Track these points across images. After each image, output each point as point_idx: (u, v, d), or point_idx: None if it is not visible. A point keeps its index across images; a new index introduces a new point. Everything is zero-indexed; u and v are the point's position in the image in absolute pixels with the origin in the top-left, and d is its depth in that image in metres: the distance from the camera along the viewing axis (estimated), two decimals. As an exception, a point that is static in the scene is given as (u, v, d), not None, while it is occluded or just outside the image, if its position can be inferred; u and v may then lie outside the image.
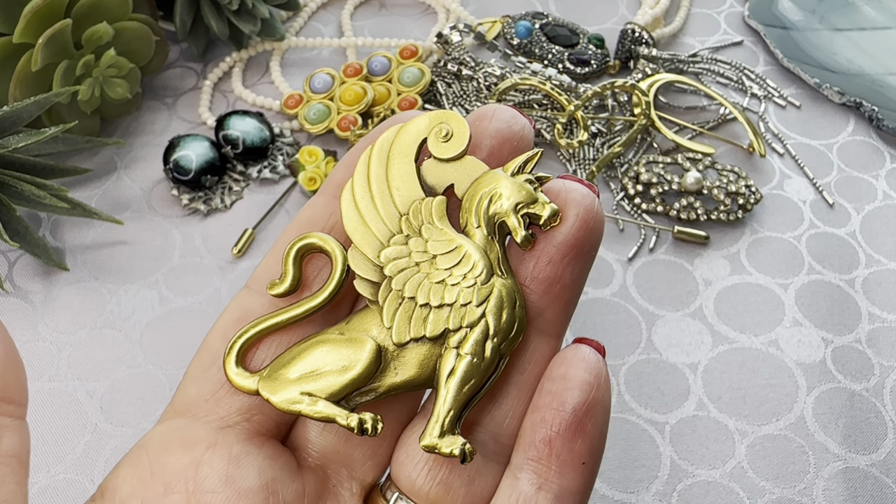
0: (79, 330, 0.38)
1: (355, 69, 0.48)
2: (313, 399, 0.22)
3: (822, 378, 0.37)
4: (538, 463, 0.22)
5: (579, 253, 0.23)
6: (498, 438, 0.24)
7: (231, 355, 0.24)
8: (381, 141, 0.24)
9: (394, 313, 0.23)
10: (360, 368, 0.22)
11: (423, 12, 0.55)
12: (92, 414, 0.36)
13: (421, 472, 0.23)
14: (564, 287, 0.23)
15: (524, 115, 0.25)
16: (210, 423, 0.24)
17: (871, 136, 0.47)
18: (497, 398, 0.24)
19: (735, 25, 0.54)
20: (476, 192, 0.24)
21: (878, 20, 0.53)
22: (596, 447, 0.22)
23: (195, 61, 0.51)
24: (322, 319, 0.24)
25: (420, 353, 0.23)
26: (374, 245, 0.23)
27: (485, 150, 0.24)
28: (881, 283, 0.40)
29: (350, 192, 0.24)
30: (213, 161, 0.43)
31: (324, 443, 0.24)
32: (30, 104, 0.38)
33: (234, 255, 0.41)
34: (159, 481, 0.22)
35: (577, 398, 0.22)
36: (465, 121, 0.24)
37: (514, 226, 0.23)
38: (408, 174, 0.24)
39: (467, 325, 0.22)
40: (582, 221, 0.23)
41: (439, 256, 0.23)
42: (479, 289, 0.23)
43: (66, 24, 0.39)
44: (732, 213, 0.42)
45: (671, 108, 0.48)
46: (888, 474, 0.34)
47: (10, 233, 0.38)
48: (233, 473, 0.22)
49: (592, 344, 0.23)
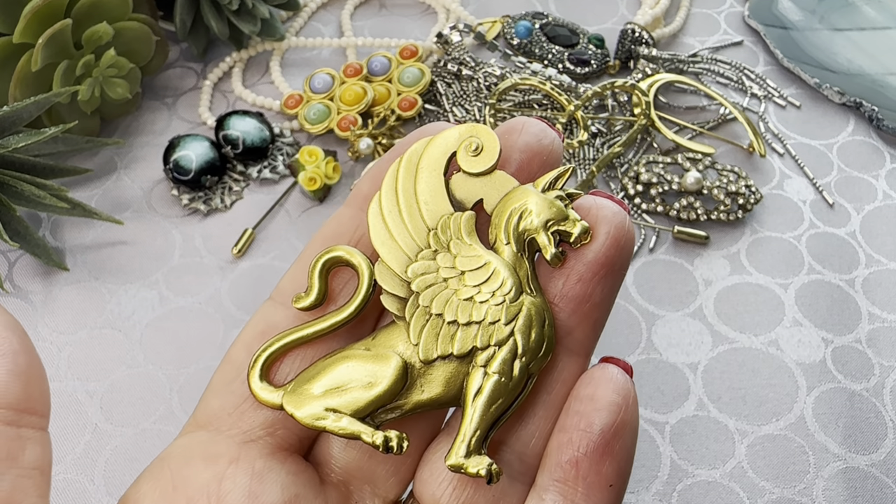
0: (79, 330, 0.38)
1: (355, 69, 0.48)
2: (338, 415, 0.22)
3: (822, 378, 0.37)
4: (564, 484, 0.22)
5: (610, 271, 0.23)
6: (523, 458, 0.23)
7: (255, 369, 0.23)
8: (410, 154, 0.24)
9: (421, 330, 0.23)
10: (386, 385, 0.22)
11: (423, 12, 0.55)
12: (92, 414, 0.36)
13: (445, 491, 0.23)
14: (594, 306, 0.23)
15: (553, 129, 0.24)
16: (233, 436, 0.23)
17: (871, 136, 0.47)
18: (524, 418, 0.23)
19: (735, 25, 0.54)
20: (506, 207, 0.23)
21: (878, 20, 0.53)
22: (623, 469, 0.22)
23: (195, 61, 0.51)
24: (347, 334, 0.24)
25: (447, 371, 0.22)
26: (401, 260, 0.23)
27: (514, 164, 0.24)
28: (881, 283, 0.40)
29: (377, 206, 0.24)
30: (213, 161, 0.43)
31: (347, 459, 0.24)
32: (30, 104, 0.38)
33: (234, 255, 0.41)
34: (181, 495, 0.22)
35: (606, 419, 0.22)
36: (496, 135, 0.24)
37: (544, 243, 0.23)
38: (436, 188, 0.24)
39: (495, 344, 0.22)
40: (613, 239, 0.23)
41: (468, 273, 0.23)
42: (508, 307, 0.22)
43: (66, 24, 0.39)
44: (732, 213, 0.42)
45: (671, 108, 0.48)
46: (888, 474, 0.34)
47: (10, 233, 0.38)
48: (256, 489, 0.22)
49: (620, 364, 0.23)
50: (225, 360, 0.25)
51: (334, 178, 0.44)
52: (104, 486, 0.34)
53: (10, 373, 0.20)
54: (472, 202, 0.24)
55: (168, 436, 0.35)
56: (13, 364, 0.20)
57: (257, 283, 0.40)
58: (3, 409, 0.19)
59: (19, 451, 0.20)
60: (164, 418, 0.36)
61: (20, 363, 0.20)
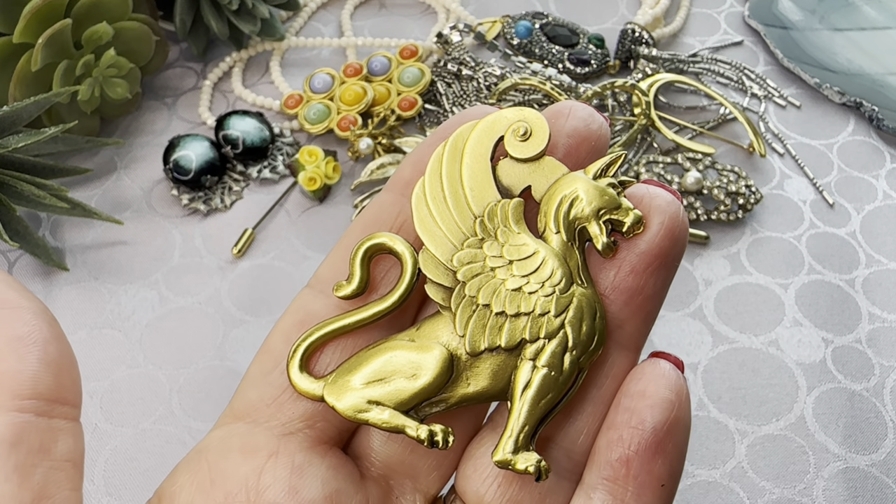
0: (79, 330, 0.38)
1: (355, 69, 0.48)
2: (381, 408, 0.21)
3: (823, 378, 0.37)
4: (614, 483, 0.21)
5: (663, 263, 0.22)
6: (571, 455, 0.22)
7: (295, 359, 0.23)
8: (455, 138, 0.23)
9: (467, 321, 0.22)
10: (431, 377, 0.21)
11: (423, 12, 0.55)
12: (92, 414, 0.36)
13: (490, 488, 0.22)
14: (647, 298, 0.22)
15: (601, 114, 0.24)
16: (272, 429, 0.23)
17: (872, 136, 0.47)
18: (572, 414, 0.23)
19: (735, 25, 0.54)
20: (555, 194, 0.22)
21: (878, 20, 0.53)
22: (676, 468, 0.21)
23: (195, 61, 0.51)
24: (389, 324, 0.23)
25: (494, 364, 0.22)
26: (446, 248, 0.22)
27: (561, 149, 0.23)
28: (881, 283, 0.40)
29: (421, 191, 0.23)
30: (213, 161, 0.43)
31: (388, 452, 0.23)
32: (30, 104, 0.38)
33: (234, 255, 0.41)
34: (219, 489, 0.21)
35: (658, 416, 0.21)
36: (545, 119, 0.23)
37: (596, 232, 0.22)
38: (483, 174, 0.23)
39: (545, 336, 0.21)
40: (667, 230, 0.22)
41: (516, 262, 0.22)
42: (558, 298, 0.21)
43: (65, 24, 0.39)
44: (732, 213, 0.42)
45: (671, 107, 0.48)
46: (888, 474, 0.34)
47: (10, 233, 0.38)
48: (296, 484, 0.22)
49: (671, 359, 0.22)
50: (262, 350, 0.24)
51: (334, 178, 0.44)
52: (104, 486, 0.34)
53: (41, 361, 0.19)
54: (520, 189, 0.23)
55: (168, 436, 0.35)
56: (43, 353, 0.20)
57: (257, 283, 0.40)
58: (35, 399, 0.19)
59: (52, 442, 0.19)
60: (163, 418, 0.36)
61: (51, 352, 0.20)
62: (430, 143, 0.24)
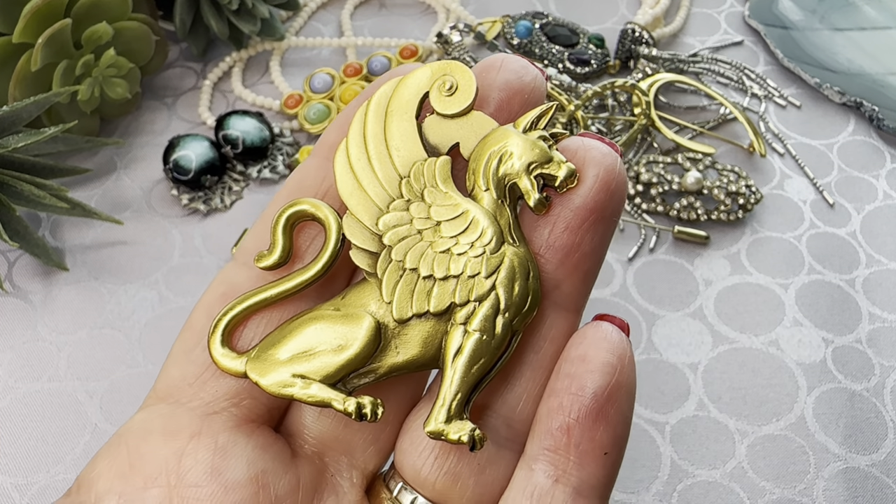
0: (78, 330, 0.38)
1: (355, 69, 0.48)
2: (307, 382, 0.20)
3: (823, 378, 0.37)
4: (555, 453, 0.20)
5: (600, 218, 0.21)
6: (511, 424, 0.22)
7: (216, 334, 0.22)
8: (378, 96, 0.22)
9: (394, 287, 0.21)
10: (358, 347, 0.20)
11: (423, 12, 0.55)
12: (92, 414, 0.36)
13: (427, 461, 0.21)
14: (584, 256, 0.21)
15: (535, 66, 0.23)
16: (194, 409, 0.22)
17: (872, 135, 0.47)
18: (509, 379, 0.22)
19: (735, 25, 0.54)
20: (484, 150, 0.21)
21: (878, 20, 0.53)
22: (620, 435, 0.20)
23: (195, 61, 0.51)
24: (315, 294, 0.22)
25: (424, 331, 0.21)
26: (371, 211, 0.21)
27: (492, 104, 0.22)
28: (881, 283, 0.40)
29: (345, 154, 0.22)
30: (213, 161, 0.43)
31: (321, 428, 0.23)
32: (29, 104, 0.38)
33: (234, 255, 0.41)
34: (138, 474, 0.21)
35: (599, 382, 0.20)
36: (472, 72, 0.22)
37: (527, 188, 0.21)
38: (408, 132, 0.22)
39: (476, 299, 0.20)
40: (602, 183, 0.21)
41: (444, 223, 0.21)
42: (489, 258, 0.20)
43: (65, 24, 0.39)
44: (733, 213, 0.42)
45: (671, 107, 0.48)
46: (888, 474, 0.34)
47: (9, 233, 0.38)
48: (219, 465, 0.21)
49: (615, 321, 0.21)
50: (185, 327, 0.23)
51: (334, 178, 0.44)
52: (104, 486, 0.34)
53: None
54: (448, 146, 0.22)
55: (168, 436, 0.35)
56: None
57: (257, 283, 0.40)
58: None
59: None
60: (163, 418, 0.36)
61: None
62: (354, 105, 0.23)
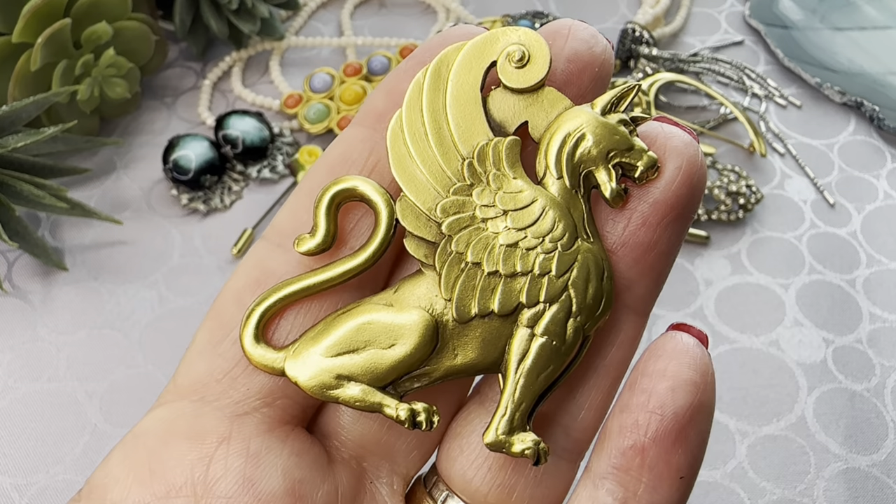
0: (78, 330, 0.38)
1: (355, 69, 0.48)
2: (353, 383, 0.19)
3: (823, 378, 0.37)
4: (626, 474, 0.18)
5: (679, 215, 0.19)
6: (569, 433, 0.20)
7: (249, 326, 0.20)
8: (437, 63, 0.19)
9: (454, 282, 0.19)
10: (412, 347, 0.19)
11: (423, 12, 0.55)
12: (91, 414, 0.36)
13: (479, 471, 0.20)
14: (659, 255, 0.19)
15: (604, 37, 0.20)
16: (223, 408, 0.20)
17: (872, 135, 0.47)
18: (573, 387, 0.20)
19: (736, 25, 0.54)
20: (557, 133, 0.19)
21: (878, 19, 0.53)
22: (697, 458, 0.18)
23: (195, 61, 0.51)
24: (360, 286, 0.20)
25: (485, 332, 0.19)
26: (429, 194, 0.19)
27: (560, 77, 0.20)
28: (882, 283, 0.40)
29: (398, 127, 0.19)
30: (213, 161, 0.43)
31: (360, 430, 0.21)
32: (29, 104, 0.38)
33: (234, 255, 0.41)
34: (160, 482, 0.19)
35: (680, 401, 0.18)
36: (546, 42, 0.19)
37: (604, 179, 0.19)
38: (471, 107, 0.19)
39: (546, 300, 0.18)
40: (686, 175, 0.19)
41: (511, 213, 0.19)
42: (561, 255, 0.18)
43: (65, 24, 0.39)
44: (733, 213, 0.42)
45: (672, 107, 0.48)
46: (889, 475, 0.34)
47: (9, 233, 0.38)
48: (252, 475, 0.19)
49: (693, 332, 0.19)
50: (211, 315, 0.21)
51: (334, 178, 0.43)
52: (103, 486, 0.34)
53: None
54: (515, 125, 0.20)
55: (167, 436, 0.35)
56: None
57: (257, 283, 0.40)
58: None
59: None
60: (163, 419, 0.36)
61: None
62: (406, 68, 0.20)
